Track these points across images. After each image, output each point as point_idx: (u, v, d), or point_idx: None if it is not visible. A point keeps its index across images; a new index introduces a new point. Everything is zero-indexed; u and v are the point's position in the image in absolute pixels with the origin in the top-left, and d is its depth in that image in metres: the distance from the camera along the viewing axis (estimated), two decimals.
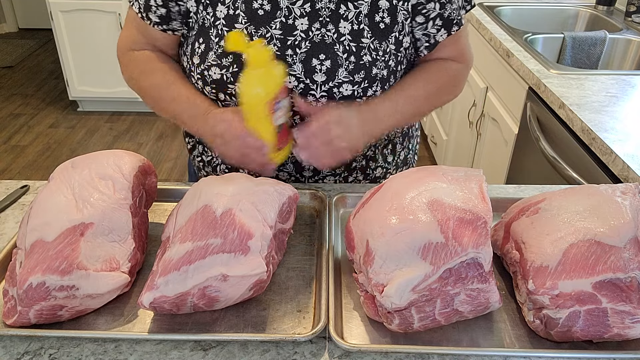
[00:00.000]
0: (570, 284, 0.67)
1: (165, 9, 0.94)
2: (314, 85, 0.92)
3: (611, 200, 0.75)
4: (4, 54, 4.50)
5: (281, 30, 0.90)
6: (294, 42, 0.91)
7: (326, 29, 0.91)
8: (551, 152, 1.49)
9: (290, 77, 0.91)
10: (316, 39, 0.91)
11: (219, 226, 0.72)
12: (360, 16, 0.92)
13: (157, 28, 0.97)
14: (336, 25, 0.91)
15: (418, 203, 0.72)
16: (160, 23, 0.96)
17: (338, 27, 0.91)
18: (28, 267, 0.69)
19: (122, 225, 0.76)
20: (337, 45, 0.91)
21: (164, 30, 0.97)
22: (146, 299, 0.68)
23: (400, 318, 0.68)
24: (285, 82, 0.88)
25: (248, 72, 0.84)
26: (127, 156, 0.86)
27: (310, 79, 0.92)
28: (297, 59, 0.91)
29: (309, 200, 0.96)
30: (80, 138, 3.33)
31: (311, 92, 0.93)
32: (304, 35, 0.91)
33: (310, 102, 0.93)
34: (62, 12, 3.21)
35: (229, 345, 0.69)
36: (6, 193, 0.98)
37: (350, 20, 0.91)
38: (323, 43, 0.91)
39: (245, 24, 0.90)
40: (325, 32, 0.91)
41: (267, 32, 0.90)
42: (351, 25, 0.91)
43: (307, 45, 0.91)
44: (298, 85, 0.92)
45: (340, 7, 0.91)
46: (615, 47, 2.02)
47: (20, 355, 0.68)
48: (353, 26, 0.91)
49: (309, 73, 0.91)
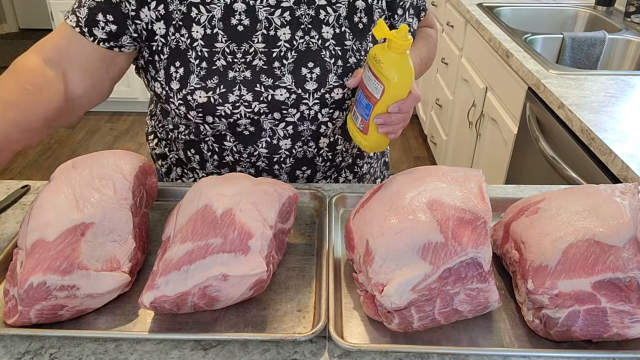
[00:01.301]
0: (569, 284, 0.67)
1: (116, 26, 0.88)
2: (306, 95, 0.92)
3: (610, 200, 0.75)
4: (5, 54, 4.50)
5: (264, 44, 0.89)
6: (279, 53, 0.90)
7: (310, 36, 0.91)
8: (550, 152, 1.49)
9: (280, 90, 0.90)
10: (302, 47, 0.90)
11: (219, 226, 0.72)
12: (340, 19, 0.92)
13: (102, 45, 0.89)
14: (319, 31, 0.91)
15: (418, 203, 0.72)
16: (107, 40, 0.88)
17: (321, 33, 0.91)
18: (29, 267, 0.69)
19: (122, 225, 0.77)
20: (324, 51, 0.91)
21: (111, 48, 0.89)
22: (147, 299, 0.68)
23: (400, 318, 0.68)
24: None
25: (388, 54, 0.83)
26: (128, 156, 0.86)
27: (302, 89, 0.91)
28: (285, 70, 0.90)
29: (309, 200, 0.96)
30: (81, 138, 3.34)
31: (304, 101, 0.92)
32: (288, 45, 0.90)
33: (302, 110, 0.93)
34: (62, 13, 3.22)
35: (229, 345, 0.69)
36: (7, 193, 0.98)
37: (332, 24, 0.91)
38: (309, 51, 0.91)
39: (226, 42, 0.88)
40: (309, 39, 0.90)
41: (250, 47, 0.89)
42: (333, 30, 0.92)
43: (294, 55, 0.90)
44: (290, 97, 0.91)
45: (319, 13, 0.91)
46: (615, 47, 2.02)
47: (21, 354, 0.68)
48: (335, 30, 0.92)
49: (300, 83, 0.91)
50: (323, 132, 0.99)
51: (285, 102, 0.92)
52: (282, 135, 0.96)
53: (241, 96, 0.90)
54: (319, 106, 0.94)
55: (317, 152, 1.01)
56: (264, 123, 0.95)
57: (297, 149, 0.99)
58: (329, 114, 0.96)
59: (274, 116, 0.94)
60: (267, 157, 0.99)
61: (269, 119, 0.94)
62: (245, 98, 0.90)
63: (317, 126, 0.97)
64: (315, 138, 0.99)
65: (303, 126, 0.96)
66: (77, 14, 0.88)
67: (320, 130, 0.98)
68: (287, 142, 0.97)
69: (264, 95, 0.91)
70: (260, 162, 1.00)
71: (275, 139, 0.97)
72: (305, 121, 0.95)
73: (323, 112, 0.95)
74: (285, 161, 1.00)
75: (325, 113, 0.96)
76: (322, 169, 1.05)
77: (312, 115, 0.95)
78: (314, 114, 0.95)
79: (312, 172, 1.04)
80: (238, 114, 0.91)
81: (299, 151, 0.99)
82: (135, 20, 0.88)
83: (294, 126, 0.96)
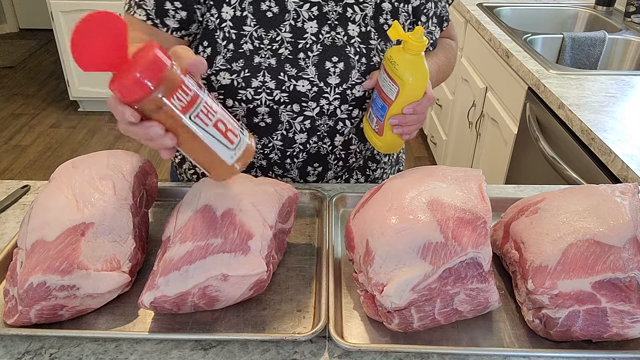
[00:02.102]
0: (569, 284, 0.67)
1: (186, 12, 0.87)
2: (327, 88, 0.92)
3: (610, 200, 0.75)
4: (5, 54, 4.50)
5: (291, 34, 0.90)
6: (305, 45, 0.90)
7: (336, 32, 0.91)
8: (550, 152, 1.49)
9: (303, 81, 0.91)
10: (327, 42, 0.91)
11: (219, 226, 0.72)
12: (366, 18, 0.93)
13: (175, 35, 0.89)
14: (345, 28, 0.92)
15: (418, 203, 0.72)
16: (179, 29, 0.88)
17: (347, 30, 0.92)
18: (29, 267, 0.69)
19: (122, 225, 0.77)
20: (349, 48, 0.92)
21: (182, 37, 0.90)
22: (147, 299, 0.68)
23: (400, 317, 0.68)
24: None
25: (403, 56, 0.83)
26: (128, 156, 0.86)
27: (324, 82, 0.92)
28: (309, 63, 0.91)
29: (309, 200, 0.96)
30: (81, 138, 3.34)
31: (324, 95, 0.93)
32: (314, 38, 0.91)
33: (322, 105, 0.94)
34: (62, 13, 3.21)
35: (229, 345, 0.69)
36: (7, 193, 0.98)
37: (358, 22, 0.92)
38: (334, 46, 0.91)
39: (255, 27, 0.89)
40: (335, 35, 0.91)
41: (277, 35, 0.89)
42: (359, 28, 0.92)
43: (319, 49, 0.91)
44: (311, 89, 0.92)
45: (347, 10, 0.92)
46: (615, 47, 2.02)
47: (21, 354, 0.68)
48: (361, 28, 0.92)
49: (322, 76, 0.92)
50: (340, 130, 0.99)
51: (306, 94, 0.92)
52: (298, 129, 0.97)
53: (264, 82, 0.90)
54: (339, 102, 0.94)
55: (331, 150, 1.02)
56: (281, 115, 0.95)
57: (311, 144, 0.99)
58: (348, 110, 0.96)
59: (293, 108, 0.94)
60: (280, 150, 0.99)
61: (287, 110, 0.94)
62: (268, 85, 0.91)
63: (335, 122, 0.97)
64: (331, 135, 0.99)
65: (320, 121, 0.96)
66: (144, 6, 0.87)
67: (337, 127, 0.98)
68: (303, 136, 0.98)
69: (286, 84, 0.91)
70: (273, 154, 1.00)
71: (291, 132, 0.97)
72: (324, 116, 0.96)
73: (342, 108, 0.96)
74: (298, 156, 1.00)
75: (345, 110, 0.96)
76: (334, 167, 1.05)
77: (331, 110, 0.95)
78: (333, 110, 0.95)
79: (324, 169, 1.04)
80: (259, 100, 0.92)
81: (313, 147, 1.00)
82: (198, 4, 0.87)
83: (312, 120, 0.96)
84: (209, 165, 0.71)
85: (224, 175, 0.72)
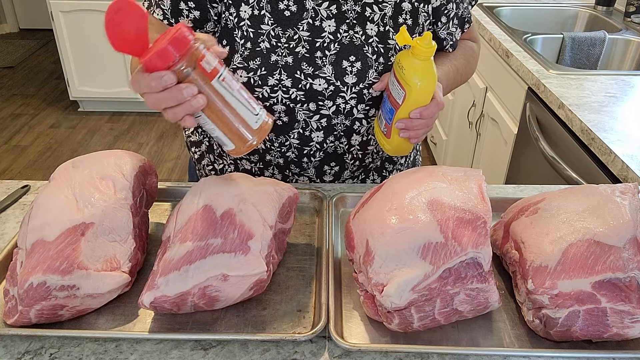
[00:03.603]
0: (569, 284, 0.67)
1: (199, 12, 0.90)
2: (344, 87, 0.92)
3: (610, 200, 0.75)
4: (5, 54, 4.50)
5: (309, 32, 0.90)
6: (322, 44, 0.90)
7: (354, 31, 0.91)
8: (550, 152, 1.49)
9: (319, 80, 0.91)
10: (345, 41, 0.91)
11: (219, 226, 0.72)
12: (385, 18, 0.92)
13: None
14: (363, 27, 0.92)
15: (418, 203, 0.72)
16: (194, 28, 0.90)
17: (365, 29, 0.92)
18: (29, 267, 0.69)
19: (122, 225, 0.77)
20: (366, 47, 0.92)
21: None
22: (147, 299, 0.68)
23: (400, 317, 0.68)
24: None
25: (411, 60, 0.83)
26: (128, 156, 0.86)
27: (341, 81, 0.92)
28: (327, 61, 0.91)
29: (309, 200, 0.96)
30: (81, 138, 3.33)
31: (341, 94, 0.93)
32: (332, 37, 0.91)
33: (339, 104, 0.94)
34: (62, 13, 3.21)
35: (229, 345, 0.69)
36: (7, 193, 0.98)
37: (376, 22, 0.92)
38: (352, 45, 0.91)
39: (272, 25, 0.89)
40: (353, 34, 0.91)
41: (294, 33, 0.90)
42: (377, 27, 0.92)
43: (337, 47, 0.91)
44: (328, 88, 0.92)
45: (365, 10, 0.91)
46: (615, 47, 2.02)
47: (21, 354, 0.68)
48: (379, 28, 0.92)
49: (339, 75, 0.92)
50: (357, 129, 0.99)
51: (323, 92, 0.92)
52: (315, 127, 0.97)
53: (280, 81, 0.91)
54: (355, 101, 0.94)
55: (348, 149, 1.02)
56: (298, 114, 0.95)
57: (328, 143, 0.99)
58: (364, 110, 0.96)
59: (309, 107, 0.94)
60: (297, 149, 1.00)
61: (304, 109, 0.94)
62: (285, 83, 0.91)
63: (352, 122, 0.97)
64: (348, 134, 0.99)
65: (337, 120, 0.96)
66: (162, 6, 0.90)
67: (354, 127, 0.98)
68: (320, 134, 0.98)
69: (302, 82, 0.91)
70: (290, 152, 1.00)
71: (307, 131, 0.97)
72: (340, 115, 0.96)
73: (359, 107, 0.96)
74: (315, 154, 1.01)
75: (361, 109, 0.96)
76: (350, 167, 1.05)
77: (348, 109, 0.95)
78: (350, 109, 0.95)
79: (340, 169, 1.04)
80: (275, 98, 0.92)
81: (330, 146, 1.00)
82: (213, 4, 0.89)
83: (328, 119, 0.96)
84: (232, 132, 0.73)
85: (242, 145, 0.74)
